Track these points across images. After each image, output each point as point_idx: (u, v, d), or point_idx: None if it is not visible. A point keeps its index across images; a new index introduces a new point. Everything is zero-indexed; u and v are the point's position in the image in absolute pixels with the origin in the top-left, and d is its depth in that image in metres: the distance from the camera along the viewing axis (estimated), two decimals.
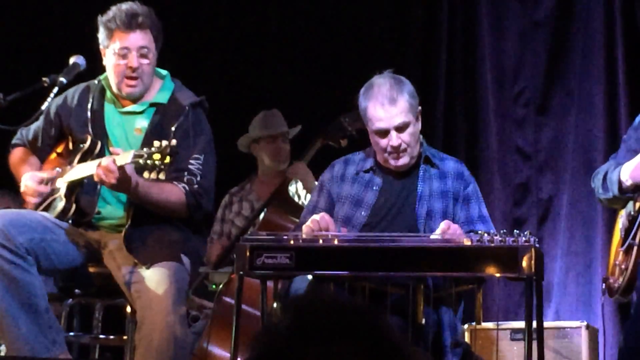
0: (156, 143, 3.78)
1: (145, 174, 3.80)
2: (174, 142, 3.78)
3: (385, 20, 6.44)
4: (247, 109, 6.02)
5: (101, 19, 4.20)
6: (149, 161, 3.75)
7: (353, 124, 4.92)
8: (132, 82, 4.17)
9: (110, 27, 4.15)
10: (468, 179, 4.18)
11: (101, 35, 4.21)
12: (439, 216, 4.02)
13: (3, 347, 4.04)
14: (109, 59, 4.19)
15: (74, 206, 4.14)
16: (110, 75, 4.22)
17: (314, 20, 6.52)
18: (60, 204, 4.14)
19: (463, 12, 6.23)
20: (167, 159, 3.74)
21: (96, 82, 4.32)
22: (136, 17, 4.13)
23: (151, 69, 4.21)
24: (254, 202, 5.81)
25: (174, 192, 4.05)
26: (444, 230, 3.78)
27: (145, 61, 4.16)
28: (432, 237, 3.81)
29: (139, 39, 4.14)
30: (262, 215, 5.30)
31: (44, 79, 4.22)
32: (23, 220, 4.01)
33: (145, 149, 3.80)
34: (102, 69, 4.31)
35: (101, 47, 4.23)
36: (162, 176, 3.79)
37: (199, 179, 4.09)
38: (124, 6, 4.18)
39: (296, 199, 5.55)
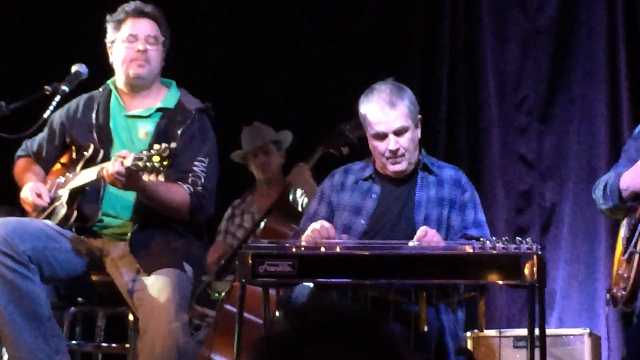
0: (156, 146, 3.80)
1: (145, 177, 3.81)
2: (173, 144, 3.80)
3: (387, 28, 6.44)
4: (249, 118, 6.01)
5: (109, 18, 4.28)
6: (148, 163, 3.77)
7: (354, 132, 4.92)
8: (141, 62, 4.21)
9: (119, 18, 4.24)
10: (465, 185, 4.17)
11: (109, 33, 4.28)
12: (435, 223, 4.01)
13: (4, 350, 4.03)
14: (117, 51, 4.24)
15: (75, 213, 4.16)
16: (118, 66, 4.26)
17: (315, 28, 6.52)
18: (62, 211, 4.16)
19: (465, 20, 6.23)
20: (166, 162, 3.76)
21: (101, 89, 4.35)
22: (145, 8, 4.26)
23: (158, 59, 4.26)
24: (255, 213, 5.81)
25: (179, 193, 4.08)
26: (420, 238, 3.77)
27: (153, 47, 4.21)
28: (410, 244, 3.76)
29: (147, 27, 4.23)
30: (262, 225, 5.30)
31: (46, 87, 4.23)
32: (26, 228, 4.02)
33: (144, 152, 3.81)
34: (107, 76, 4.32)
35: (108, 45, 4.28)
36: (161, 178, 3.81)
37: (202, 181, 4.12)
38: (133, 2, 4.29)
39: (298, 207, 5.54)
